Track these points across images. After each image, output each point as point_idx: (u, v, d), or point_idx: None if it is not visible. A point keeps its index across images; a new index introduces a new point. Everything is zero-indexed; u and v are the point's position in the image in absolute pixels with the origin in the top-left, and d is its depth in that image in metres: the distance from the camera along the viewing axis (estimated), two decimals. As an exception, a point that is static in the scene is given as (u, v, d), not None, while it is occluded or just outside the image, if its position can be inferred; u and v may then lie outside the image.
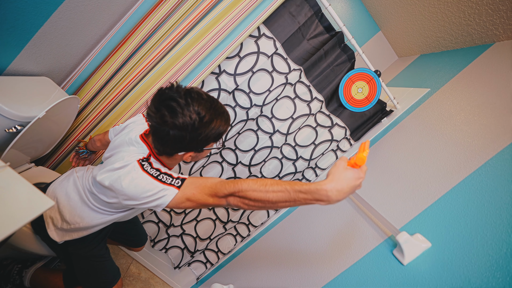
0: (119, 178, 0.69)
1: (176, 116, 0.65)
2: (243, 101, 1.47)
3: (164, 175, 0.69)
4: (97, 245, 1.01)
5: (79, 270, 0.99)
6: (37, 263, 1.12)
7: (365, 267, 0.94)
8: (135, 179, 0.68)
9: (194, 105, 0.67)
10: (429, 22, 1.86)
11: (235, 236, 1.73)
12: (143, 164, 0.70)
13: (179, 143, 0.71)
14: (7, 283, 1.04)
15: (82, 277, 0.99)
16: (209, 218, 1.68)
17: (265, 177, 1.62)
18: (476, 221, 0.79)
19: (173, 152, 0.75)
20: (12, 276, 1.05)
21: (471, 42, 1.68)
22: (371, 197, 1.18)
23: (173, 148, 0.74)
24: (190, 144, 0.72)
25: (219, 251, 1.73)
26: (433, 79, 1.68)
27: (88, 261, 0.99)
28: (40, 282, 1.06)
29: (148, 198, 0.67)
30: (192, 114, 0.66)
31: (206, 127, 0.70)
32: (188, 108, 0.66)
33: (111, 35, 1.29)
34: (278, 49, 1.44)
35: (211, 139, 0.74)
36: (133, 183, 0.67)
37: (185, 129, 0.67)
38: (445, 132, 1.20)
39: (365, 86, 1.56)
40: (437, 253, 0.81)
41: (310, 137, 1.61)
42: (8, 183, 0.67)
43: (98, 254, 1.01)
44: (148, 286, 1.68)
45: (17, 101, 1.01)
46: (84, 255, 0.98)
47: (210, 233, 1.67)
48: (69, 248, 0.96)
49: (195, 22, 1.31)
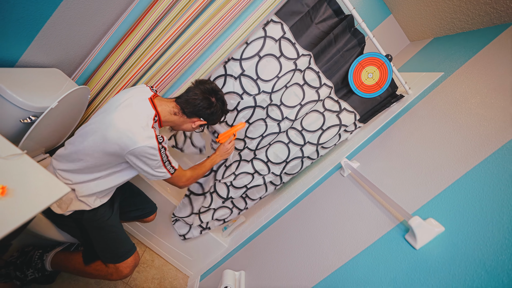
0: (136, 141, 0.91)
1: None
2: (250, 88, 1.45)
3: (167, 162, 1.01)
4: (109, 216, 1.07)
5: (96, 242, 1.04)
6: (57, 248, 1.16)
7: (376, 252, 0.94)
8: (149, 156, 0.94)
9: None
10: (443, 2, 1.78)
11: (232, 209, 1.74)
12: (160, 149, 0.96)
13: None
14: (29, 268, 1.09)
15: (100, 248, 1.04)
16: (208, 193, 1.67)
17: (271, 161, 1.62)
18: (492, 205, 0.78)
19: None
20: (34, 261, 1.10)
21: (489, 22, 1.60)
22: (382, 182, 1.16)
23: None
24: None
25: (215, 219, 1.74)
26: (447, 62, 1.62)
27: (103, 231, 1.05)
28: (61, 263, 1.11)
29: (148, 168, 0.97)
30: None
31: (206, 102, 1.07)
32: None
33: (118, 24, 1.29)
34: (286, 33, 1.40)
35: (202, 114, 1.09)
36: (146, 156, 0.93)
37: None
38: (459, 116, 1.16)
39: (376, 71, 1.52)
40: (450, 237, 0.80)
41: (318, 122, 1.58)
42: (26, 170, 0.70)
43: (112, 224, 1.07)
44: (161, 273, 1.74)
45: (30, 92, 1.03)
46: (99, 226, 1.04)
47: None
48: (84, 223, 1.02)
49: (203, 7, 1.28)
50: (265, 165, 1.61)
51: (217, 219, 1.73)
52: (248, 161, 1.62)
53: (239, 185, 1.62)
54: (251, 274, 1.40)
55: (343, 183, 1.38)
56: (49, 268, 1.11)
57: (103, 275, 1.05)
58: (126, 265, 1.05)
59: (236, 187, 1.62)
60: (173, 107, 1.04)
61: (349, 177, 1.38)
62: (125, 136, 0.88)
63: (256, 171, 1.61)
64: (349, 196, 1.27)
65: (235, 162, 1.63)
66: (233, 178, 1.61)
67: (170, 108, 1.04)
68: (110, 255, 1.05)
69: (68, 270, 1.13)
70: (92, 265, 1.07)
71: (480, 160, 0.91)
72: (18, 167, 0.68)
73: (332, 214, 1.26)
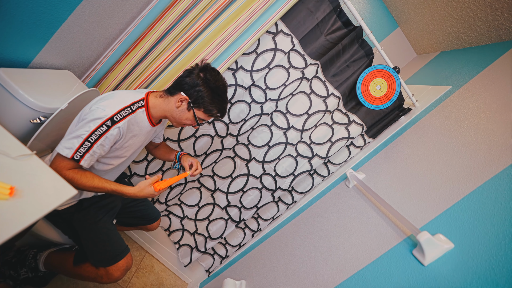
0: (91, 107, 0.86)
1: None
2: (258, 96, 1.47)
3: (86, 146, 0.83)
4: (101, 218, 1.03)
5: (86, 243, 1.00)
6: (52, 248, 1.15)
7: (382, 266, 0.92)
8: (87, 121, 0.83)
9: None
10: (451, 17, 1.79)
11: (244, 230, 1.73)
12: (102, 126, 0.83)
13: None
14: (23, 267, 1.08)
15: (90, 250, 1.00)
16: (221, 218, 1.69)
17: (279, 175, 1.60)
18: (504, 223, 0.76)
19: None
20: (28, 260, 1.09)
21: (498, 38, 1.60)
22: (388, 195, 1.15)
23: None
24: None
25: (227, 243, 1.74)
26: (455, 76, 1.62)
27: (93, 233, 1.00)
28: (53, 263, 1.09)
29: (70, 129, 0.89)
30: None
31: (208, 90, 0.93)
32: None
33: (130, 29, 1.31)
34: (295, 46, 1.42)
35: (203, 105, 0.94)
36: (83, 120, 0.84)
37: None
38: (468, 131, 1.15)
39: (384, 83, 1.52)
40: (460, 254, 0.78)
41: (327, 135, 1.58)
42: (35, 170, 0.69)
43: (104, 227, 1.03)
44: (160, 279, 1.71)
45: (41, 93, 1.04)
46: (89, 227, 1.00)
47: (221, 233, 1.69)
48: (74, 224, 0.99)
49: (212, 18, 1.31)
50: (273, 179, 1.60)
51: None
52: (257, 177, 1.62)
53: (249, 205, 1.64)
54: (252, 284, 1.37)
55: (348, 194, 1.36)
56: (42, 268, 1.09)
57: (93, 277, 1.01)
58: (116, 268, 1.00)
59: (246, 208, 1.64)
60: (160, 93, 1.00)
61: (354, 188, 1.36)
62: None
63: (264, 186, 1.61)
64: (354, 207, 1.25)
65: (243, 175, 1.63)
66: (241, 195, 1.63)
67: (157, 94, 1.00)
68: (100, 258, 1.00)
69: (59, 271, 1.11)
70: (82, 266, 1.03)
71: (491, 176, 0.90)
72: (27, 168, 0.68)
73: (337, 225, 1.24)
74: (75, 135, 0.83)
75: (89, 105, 0.88)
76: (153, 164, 1.49)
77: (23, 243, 1.17)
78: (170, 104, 0.96)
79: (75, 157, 0.83)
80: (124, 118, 0.87)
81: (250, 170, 1.62)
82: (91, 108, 0.85)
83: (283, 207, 1.70)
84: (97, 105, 0.85)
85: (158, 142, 1.23)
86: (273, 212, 1.70)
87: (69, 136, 0.85)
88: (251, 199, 1.63)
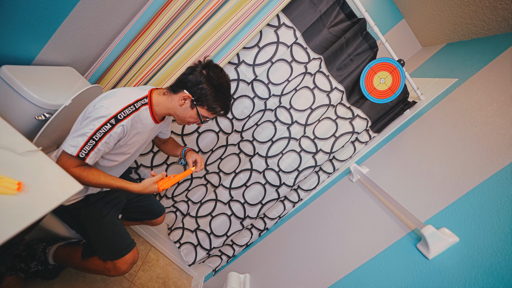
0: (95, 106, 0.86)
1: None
2: (261, 91, 1.46)
3: (91, 144, 0.84)
4: (107, 213, 1.05)
5: (94, 237, 1.03)
6: (60, 242, 1.18)
7: (386, 260, 0.92)
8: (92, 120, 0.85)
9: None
10: (458, 7, 1.75)
11: (251, 230, 1.74)
12: (107, 124, 0.84)
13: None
14: (33, 260, 1.11)
15: (97, 244, 1.03)
16: (224, 214, 1.68)
17: (283, 171, 1.59)
18: (510, 216, 0.75)
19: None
20: (37, 253, 1.12)
21: (507, 28, 1.56)
22: (392, 189, 1.14)
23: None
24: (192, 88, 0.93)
25: (234, 243, 1.75)
26: (462, 68, 1.59)
27: (100, 226, 1.03)
28: (62, 257, 1.12)
29: (75, 128, 0.91)
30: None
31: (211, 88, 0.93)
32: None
33: (132, 23, 1.30)
34: (298, 39, 1.40)
35: (206, 103, 0.94)
36: (88, 119, 0.85)
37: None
38: (474, 124, 1.13)
39: (388, 76, 1.50)
40: (465, 248, 0.77)
41: (330, 130, 1.57)
42: (41, 166, 0.70)
43: (110, 221, 1.05)
44: (166, 273, 1.74)
45: (45, 89, 1.05)
46: (96, 222, 1.02)
47: (226, 230, 1.69)
48: (81, 219, 1.02)
49: (213, 11, 1.29)
50: (277, 175, 1.60)
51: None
52: (260, 172, 1.61)
53: (253, 201, 1.63)
54: (256, 277, 1.39)
55: (351, 188, 1.36)
56: (52, 261, 1.13)
57: (101, 271, 1.04)
58: (123, 262, 1.03)
59: (250, 204, 1.63)
60: (164, 90, 1.00)
61: (358, 182, 1.36)
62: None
63: (267, 181, 1.61)
64: (358, 201, 1.25)
65: (246, 170, 1.63)
66: (244, 189, 1.62)
67: (160, 91, 1.00)
68: (107, 252, 1.03)
69: (68, 264, 1.14)
70: (90, 260, 1.06)
71: (498, 169, 0.88)
72: (34, 164, 0.69)
73: (340, 219, 1.24)
74: (80, 133, 0.84)
75: (93, 103, 0.89)
76: (158, 157, 1.50)
77: (32, 237, 1.20)
78: (173, 102, 0.97)
79: (80, 155, 0.84)
80: (128, 116, 0.88)
81: (253, 165, 1.62)
82: (95, 106, 0.86)
83: (289, 205, 1.69)
84: (101, 103, 0.86)
85: (165, 138, 1.25)
86: (279, 210, 1.70)
87: (74, 134, 0.86)
88: (254, 194, 1.63)
